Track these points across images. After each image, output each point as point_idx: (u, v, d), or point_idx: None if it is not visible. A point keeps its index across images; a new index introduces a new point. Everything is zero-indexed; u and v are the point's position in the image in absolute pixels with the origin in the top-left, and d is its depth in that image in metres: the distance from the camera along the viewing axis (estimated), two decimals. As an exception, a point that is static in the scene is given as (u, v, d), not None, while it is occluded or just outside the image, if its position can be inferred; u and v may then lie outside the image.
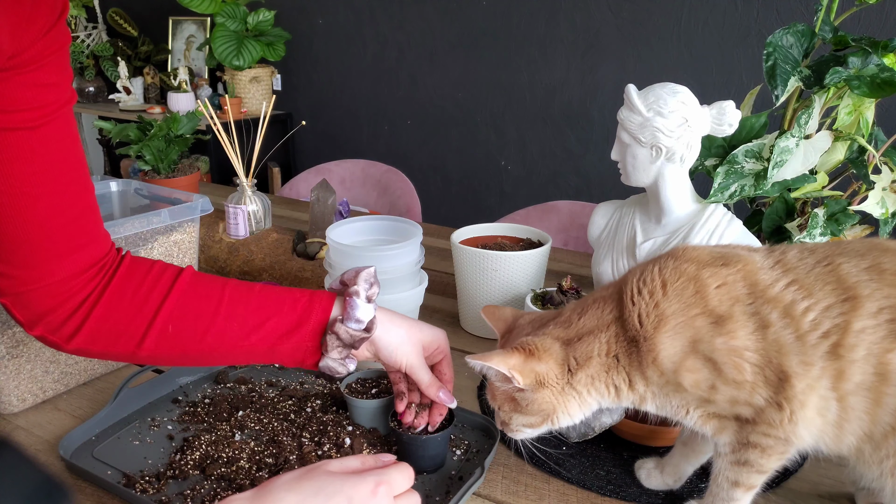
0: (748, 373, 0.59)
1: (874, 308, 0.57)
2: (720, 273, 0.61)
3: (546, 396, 0.65)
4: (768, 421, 0.60)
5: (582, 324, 0.66)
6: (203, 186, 2.10)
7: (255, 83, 3.43)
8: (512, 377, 0.65)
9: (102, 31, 3.95)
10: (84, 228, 0.66)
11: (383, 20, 3.17)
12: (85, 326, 0.67)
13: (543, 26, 2.77)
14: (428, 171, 3.26)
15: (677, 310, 0.61)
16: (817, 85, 0.96)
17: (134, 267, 0.70)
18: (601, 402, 0.66)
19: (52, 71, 0.60)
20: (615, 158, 1.02)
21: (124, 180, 1.20)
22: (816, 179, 1.00)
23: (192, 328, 0.69)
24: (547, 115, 2.88)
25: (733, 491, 0.65)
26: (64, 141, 0.62)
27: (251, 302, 0.71)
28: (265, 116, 1.40)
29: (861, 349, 0.57)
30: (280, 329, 0.71)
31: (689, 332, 0.60)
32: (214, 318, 0.70)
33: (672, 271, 0.62)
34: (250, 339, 0.71)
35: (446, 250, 1.53)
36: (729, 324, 0.59)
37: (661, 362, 0.61)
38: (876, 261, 0.59)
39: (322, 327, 0.73)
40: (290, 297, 0.73)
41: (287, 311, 0.72)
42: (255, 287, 0.73)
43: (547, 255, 1.10)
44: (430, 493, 0.75)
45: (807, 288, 0.59)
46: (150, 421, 0.87)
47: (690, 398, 0.63)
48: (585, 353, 0.65)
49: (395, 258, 0.95)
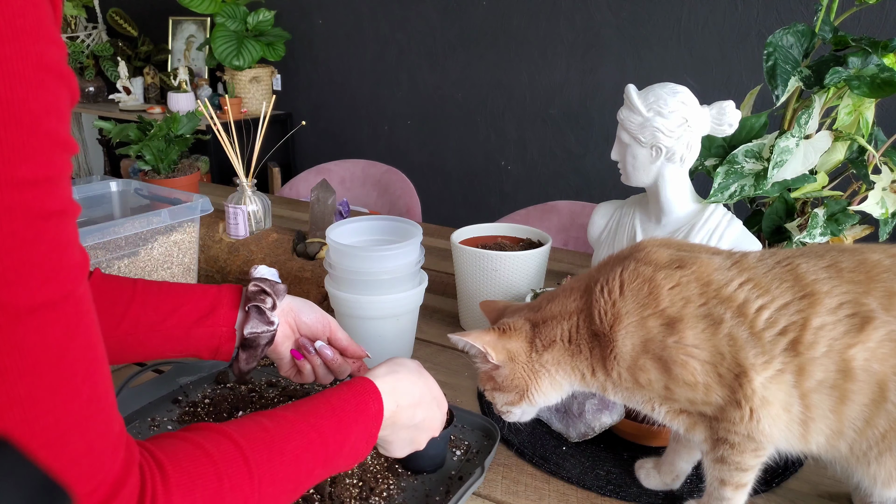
0: (699, 373, 0.60)
1: (833, 304, 0.58)
2: (674, 275, 0.63)
3: (518, 372, 0.70)
4: (729, 419, 0.61)
5: (549, 309, 0.70)
6: (203, 186, 2.10)
7: (255, 83, 3.43)
8: (486, 353, 0.69)
9: (102, 31, 3.95)
10: None
11: (383, 20, 3.17)
12: None
13: (543, 26, 2.77)
14: (428, 171, 3.26)
15: (631, 309, 0.63)
16: (817, 85, 0.96)
17: None
18: (571, 384, 0.70)
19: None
20: (615, 158, 1.02)
21: (124, 180, 1.20)
22: (816, 179, 1.00)
23: (107, 314, 0.71)
24: (547, 116, 2.88)
25: (722, 490, 0.65)
26: None
27: (162, 292, 0.75)
28: (265, 116, 1.40)
29: (821, 346, 0.57)
30: (194, 314, 0.75)
31: (642, 332, 0.62)
32: (129, 305, 0.73)
33: (630, 272, 0.65)
34: (165, 324, 0.74)
35: (446, 250, 1.53)
36: (679, 325, 0.61)
37: (618, 359, 0.64)
38: (834, 260, 0.60)
39: (233, 314, 0.77)
40: (200, 288, 0.78)
41: (198, 298, 0.76)
42: (163, 283, 0.77)
43: (547, 255, 1.10)
44: (430, 493, 0.75)
45: (762, 287, 0.60)
46: (150, 421, 0.87)
47: (652, 395, 0.64)
48: (549, 336, 0.69)
49: (395, 258, 0.95)
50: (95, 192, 1.15)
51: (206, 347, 0.76)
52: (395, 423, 0.65)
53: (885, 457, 0.59)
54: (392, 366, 0.68)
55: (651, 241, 0.69)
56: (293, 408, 0.58)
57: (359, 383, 0.64)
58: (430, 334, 1.11)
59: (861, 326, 0.57)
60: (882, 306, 0.57)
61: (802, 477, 0.79)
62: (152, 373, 0.97)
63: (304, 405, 0.58)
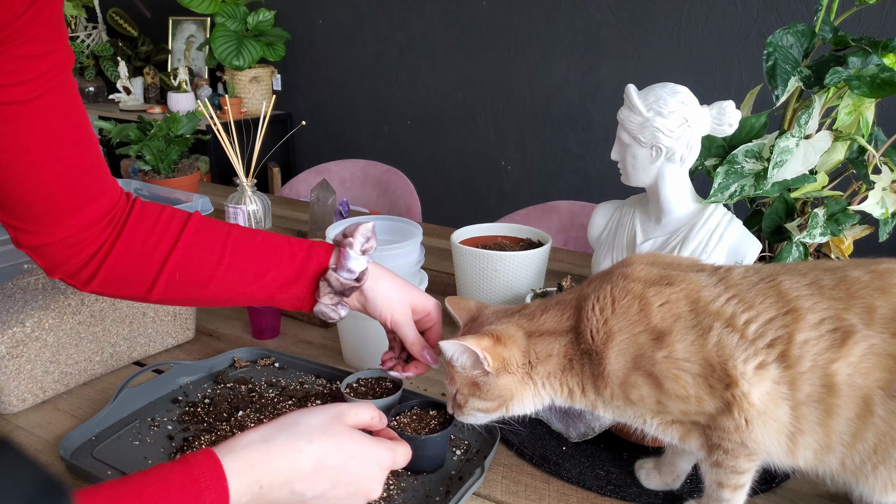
0: (690, 385, 0.60)
1: (815, 319, 0.58)
2: (664, 292, 0.63)
3: (507, 382, 0.68)
4: (722, 427, 0.61)
5: (543, 321, 0.69)
6: (203, 186, 2.10)
7: (255, 83, 3.43)
8: (484, 359, 0.67)
9: (102, 31, 3.95)
10: (90, 185, 0.69)
11: (383, 20, 3.17)
12: (99, 273, 0.71)
13: (543, 26, 2.77)
14: (428, 171, 3.26)
15: (623, 327, 0.63)
16: (817, 85, 0.96)
17: (143, 214, 0.74)
18: (554, 398, 0.69)
19: (42, 41, 0.59)
20: (615, 158, 1.02)
21: (124, 180, 1.20)
22: (816, 179, 1.00)
23: (196, 276, 0.74)
24: (547, 116, 2.88)
25: (721, 491, 0.66)
26: (63, 106, 0.63)
27: (252, 253, 0.76)
28: (265, 116, 1.40)
29: (806, 361, 0.58)
30: (279, 280, 0.76)
31: (633, 348, 0.62)
32: (217, 267, 0.74)
33: (621, 290, 0.65)
34: (251, 288, 0.76)
35: (446, 250, 1.53)
36: (668, 338, 0.61)
37: (609, 377, 0.64)
38: (816, 278, 0.61)
39: (318, 276, 0.77)
40: (290, 250, 0.77)
41: (286, 263, 0.76)
42: (257, 236, 0.77)
43: (547, 255, 1.10)
44: (430, 493, 0.75)
45: (747, 302, 0.61)
46: (150, 421, 0.87)
47: (643, 410, 0.65)
48: (545, 350, 0.67)
49: (395, 258, 0.95)
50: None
51: (288, 306, 0.79)
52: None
53: (879, 469, 0.59)
54: (275, 429, 0.57)
55: (638, 258, 0.69)
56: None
57: (197, 464, 0.52)
58: (430, 334, 1.11)
59: (843, 341, 0.57)
60: (863, 321, 0.57)
61: (802, 477, 0.78)
62: (152, 373, 0.97)
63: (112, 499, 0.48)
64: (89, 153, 0.68)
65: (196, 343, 1.11)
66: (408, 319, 0.80)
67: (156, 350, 1.06)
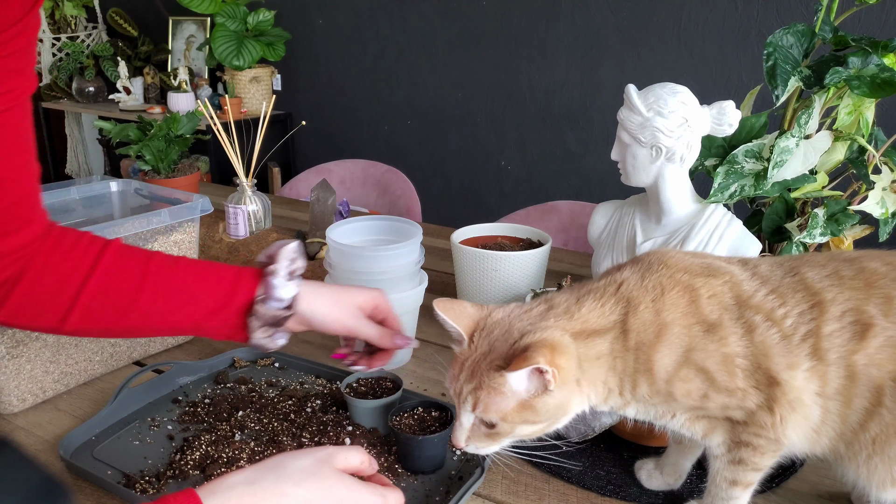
0: (740, 379, 0.60)
1: (838, 312, 0.59)
2: (711, 283, 0.62)
3: (563, 396, 0.60)
4: (759, 423, 0.61)
5: (585, 318, 0.62)
6: (203, 186, 2.10)
7: (255, 83, 3.43)
8: (553, 377, 0.58)
9: (102, 31, 3.95)
10: (21, 213, 0.66)
11: (383, 20, 3.17)
12: (7, 303, 0.68)
13: (543, 26, 2.77)
14: (428, 171, 3.26)
15: (675, 318, 0.61)
16: (817, 85, 0.96)
17: (60, 242, 0.70)
18: (591, 402, 0.63)
19: (19, 58, 0.59)
20: (615, 158, 1.02)
21: (124, 180, 1.20)
22: (816, 179, 1.00)
23: (116, 304, 0.70)
24: (547, 116, 2.88)
25: (732, 490, 0.65)
26: (19, 127, 0.62)
27: (176, 279, 0.72)
28: (265, 116, 1.40)
29: (832, 353, 0.59)
30: (205, 308, 0.73)
31: (685, 341, 0.61)
32: (139, 296, 0.71)
33: (668, 280, 0.62)
34: (175, 316, 0.72)
35: (446, 250, 1.52)
36: (720, 331, 0.60)
37: (656, 373, 0.60)
38: (836, 269, 0.62)
39: (247, 306, 0.74)
40: (215, 276, 0.74)
41: (212, 289, 0.73)
42: (180, 262, 0.74)
43: (547, 255, 1.10)
44: (430, 493, 0.75)
45: (782, 296, 0.61)
46: (150, 421, 0.87)
47: (681, 405, 0.63)
48: (596, 352, 0.61)
49: (395, 258, 0.95)
50: (95, 192, 1.15)
51: (219, 335, 0.76)
52: None
53: (874, 460, 0.60)
54: (261, 471, 0.54)
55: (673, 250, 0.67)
56: None
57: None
58: (430, 334, 1.11)
59: (863, 333, 0.58)
60: (882, 312, 0.58)
61: (802, 477, 0.79)
62: (152, 373, 0.97)
63: None
64: (29, 181, 0.66)
65: (196, 343, 1.11)
66: (361, 321, 0.78)
67: (156, 350, 1.06)
